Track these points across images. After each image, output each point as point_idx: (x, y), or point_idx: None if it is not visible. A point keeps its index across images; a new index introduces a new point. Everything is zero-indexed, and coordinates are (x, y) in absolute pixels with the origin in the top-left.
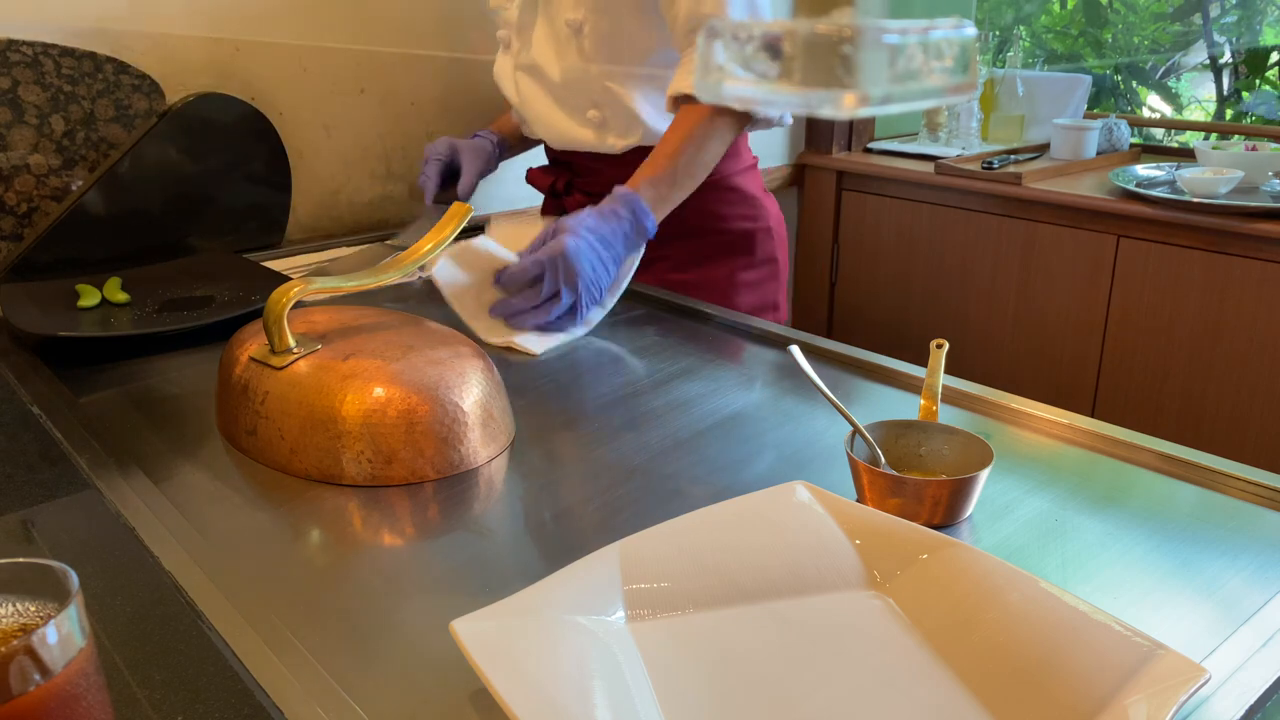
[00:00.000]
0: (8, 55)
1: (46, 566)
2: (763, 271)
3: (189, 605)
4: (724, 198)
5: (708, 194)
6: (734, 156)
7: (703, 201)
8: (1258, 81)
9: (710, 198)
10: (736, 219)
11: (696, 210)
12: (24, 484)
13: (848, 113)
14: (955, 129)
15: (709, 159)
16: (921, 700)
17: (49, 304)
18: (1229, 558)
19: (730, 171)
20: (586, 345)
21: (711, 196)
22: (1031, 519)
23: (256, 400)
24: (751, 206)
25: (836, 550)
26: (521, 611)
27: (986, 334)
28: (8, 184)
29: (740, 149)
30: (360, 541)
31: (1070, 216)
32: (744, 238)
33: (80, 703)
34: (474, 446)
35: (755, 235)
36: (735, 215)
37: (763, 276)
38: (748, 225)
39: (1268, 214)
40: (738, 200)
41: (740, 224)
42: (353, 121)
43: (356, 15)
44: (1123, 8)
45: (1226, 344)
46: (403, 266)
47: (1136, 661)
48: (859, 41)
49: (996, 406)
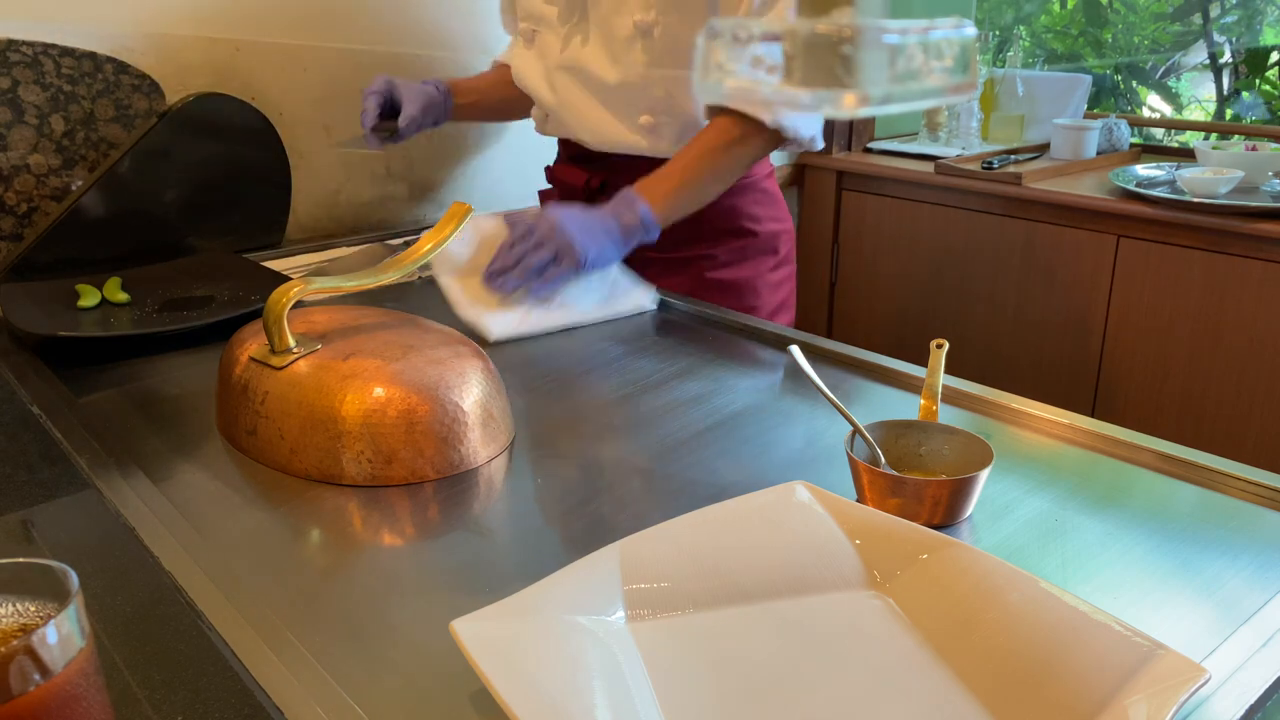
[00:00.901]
0: (8, 55)
1: (46, 566)
2: (784, 272)
3: (189, 605)
4: (758, 199)
5: (747, 195)
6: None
7: (743, 203)
8: (1257, 81)
9: (749, 199)
10: (768, 220)
11: (739, 212)
12: (24, 484)
13: (848, 113)
14: (955, 129)
15: (726, 175)
16: (921, 700)
17: (49, 304)
18: (1229, 558)
19: (762, 174)
20: (587, 345)
21: (750, 198)
22: (1031, 519)
23: (256, 400)
24: (778, 208)
25: (836, 550)
26: (521, 611)
27: (986, 334)
28: (8, 184)
29: None
30: (360, 541)
31: (1070, 216)
32: (773, 238)
33: (80, 703)
34: (474, 446)
35: (781, 236)
36: (767, 216)
37: (784, 277)
38: (776, 226)
39: (1268, 214)
40: (769, 201)
41: (771, 225)
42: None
43: (356, 15)
44: (1123, 8)
45: (1226, 344)
46: (403, 266)
47: (1136, 661)
48: (859, 41)
49: (996, 406)
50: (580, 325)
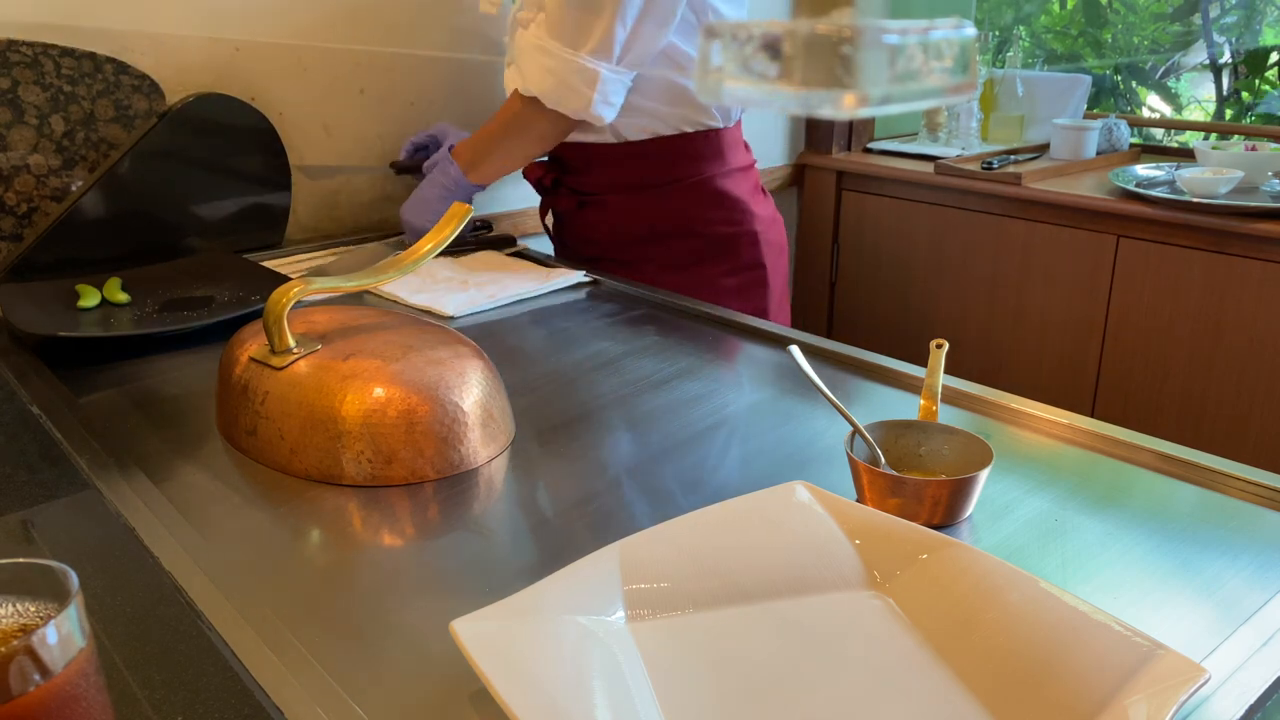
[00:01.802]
0: (8, 55)
1: (46, 566)
2: (746, 278)
3: (189, 605)
4: (704, 200)
5: (687, 195)
6: (716, 158)
7: (681, 203)
8: (1257, 81)
9: (690, 199)
10: (718, 222)
11: (674, 211)
12: (24, 484)
13: (848, 113)
14: (955, 129)
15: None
16: (921, 700)
17: (49, 304)
18: (1229, 558)
19: (713, 174)
20: (587, 345)
21: (690, 198)
22: (1031, 519)
23: (256, 400)
24: (734, 210)
25: (836, 550)
26: (521, 611)
27: (986, 334)
28: (8, 184)
29: (724, 150)
30: (360, 541)
31: (1070, 216)
32: (725, 242)
33: (80, 703)
34: (474, 446)
35: (739, 239)
36: (716, 219)
37: (746, 283)
38: (729, 229)
39: (1268, 214)
40: (719, 203)
41: (721, 228)
42: (353, 121)
43: (356, 15)
44: (1123, 8)
45: (1226, 344)
46: (403, 266)
47: (1136, 661)
48: (859, 41)
49: (996, 406)
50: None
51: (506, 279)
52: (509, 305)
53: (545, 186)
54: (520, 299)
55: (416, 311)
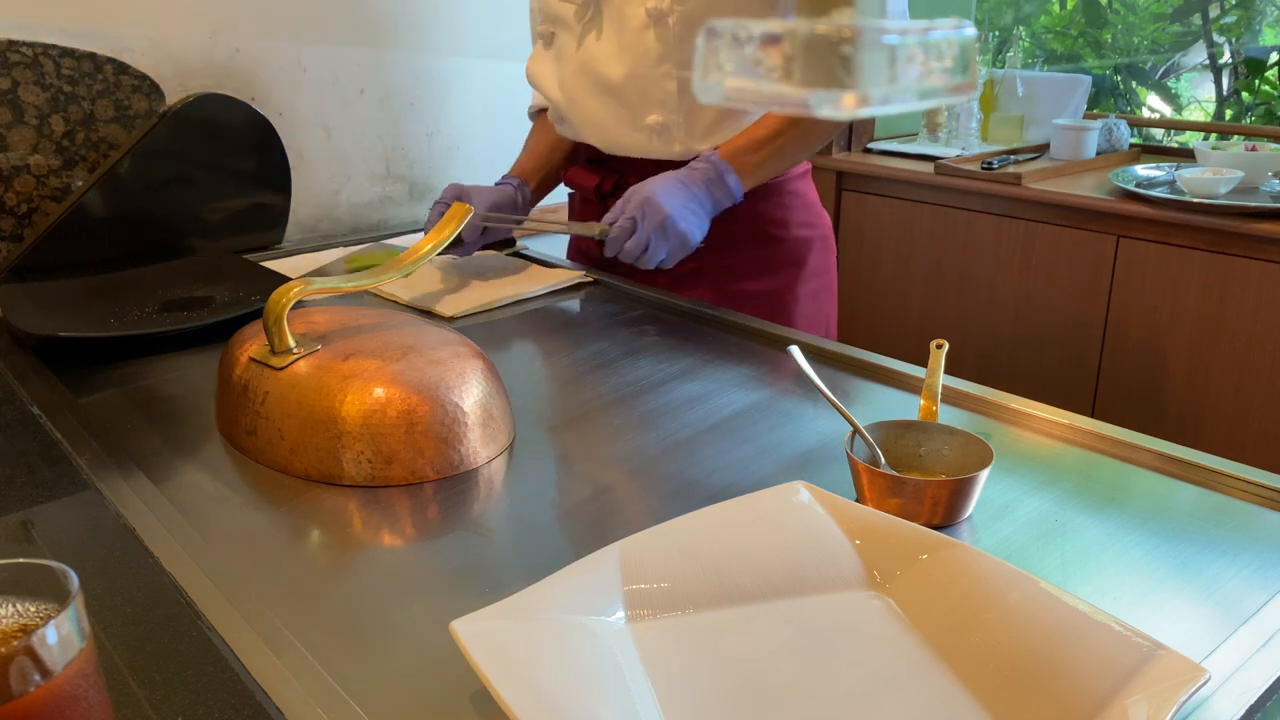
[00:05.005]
0: (8, 55)
1: (46, 566)
2: (817, 284)
3: (189, 605)
4: (785, 202)
5: (770, 198)
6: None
7: (765, 206)
8: (1257, 82)
9: (773, 202)
10: (796, 225)
11: (758, 216)
12: (24, 484)
13: (848, 113)
14: (955, 129)
15: (806, 144)
16: (921, 700)
17: (49, 304)
18: (1229, 558)
19: (793, 174)
20: (586, 345)
21: (774, 201)
22: (1031, 519)
23: (256, 400)
24: (810, 213)
25: (836, 550)
26: (521, 612)
27: (986, 334)
28: (8, 184)
29: None
30: (360, 541)
31: (1070, 216)
32: (802, 246)
33: (80, 703)
34: (474, 446)
35: (813, 244)
36: (795, 222)
37: (818, 289)
38: (806, 233)
39: (1267, 214)
40: (798, 206)
41: (800, 231)
42: (353, 122)
43: (356, 15)
44: (1122, 8)
45: (1226, 344)
46: (403, 266)
47: (1136, 661)
48: (859, 41)
49: (996, 406)
50: (524, 298)
51: (506, 279)
52: (509, 305)
53: (604, 192)
54: (520, 299)
55: (416, 312)
